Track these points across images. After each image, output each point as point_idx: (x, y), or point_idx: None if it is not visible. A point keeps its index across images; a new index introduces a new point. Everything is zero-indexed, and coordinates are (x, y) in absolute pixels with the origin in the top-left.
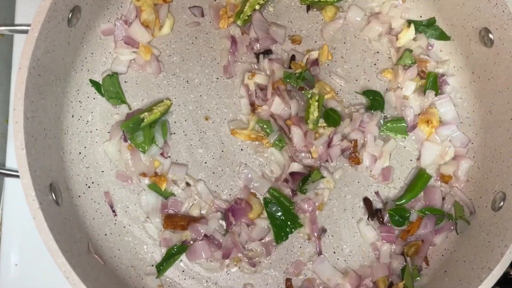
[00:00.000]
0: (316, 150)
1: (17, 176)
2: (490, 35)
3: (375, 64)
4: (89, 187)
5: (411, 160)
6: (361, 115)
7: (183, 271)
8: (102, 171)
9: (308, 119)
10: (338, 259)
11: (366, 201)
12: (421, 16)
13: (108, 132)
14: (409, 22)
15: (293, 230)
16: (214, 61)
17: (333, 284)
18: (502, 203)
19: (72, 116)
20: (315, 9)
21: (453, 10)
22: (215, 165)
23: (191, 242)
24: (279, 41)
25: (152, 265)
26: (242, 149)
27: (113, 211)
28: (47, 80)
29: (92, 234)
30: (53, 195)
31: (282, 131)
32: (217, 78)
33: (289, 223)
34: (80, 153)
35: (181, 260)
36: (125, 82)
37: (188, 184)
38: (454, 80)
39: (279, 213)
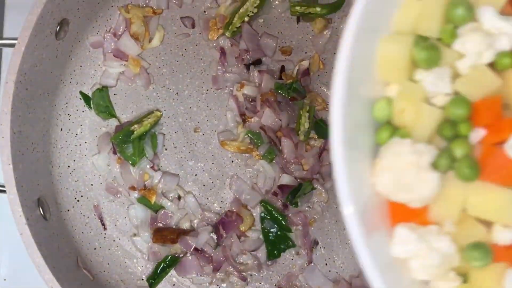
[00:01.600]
0: (307, 162)
1: (4, 191)
2: None
3: None
4: (78, 200)
5: None
6: None
7: (174, 284)
8: (92, 185)
9: (299, 130)
10: (330, 270)
11: None
12: None
13: (97, 145)
14: None
15: (286, 249)
16: (204, 72)
17: None
18: None
19: (61, 130)
20: (305, 20)
21: None
22: (205, 177)
23: (181, 256)
24: (268, 55)
25: (142, 279)
26: (232, 161)
27: (103, 225)
28: (35, 93)
29: (81, 248)
30: (40, 209)
31: (272, 143)
32: (207, 90)
33: (283, 241)
34: (69, 166)
35: (171, 274)
36: (114, 94)
37: (178, 197)
38: None
39: (274, 230)
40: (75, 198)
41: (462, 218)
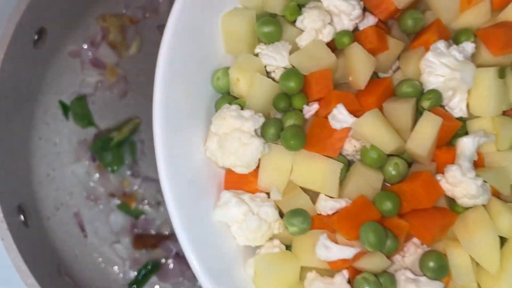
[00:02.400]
0: None
1: None
2: None
3: None
4: (58, 208)
5: None
6: None
7: None
8: (71, 192)
9: None
10: None
11: None
12: None
13: (76, 153)
14: None
15: None
16: None
17: None
18: None
19: (40, 138)
20: None
21: None
22: None
23: (163, 261)
24: None
25: (124, 286)
26: None
27: (83, 232)
28: (14, 102)
29: (63, 255)
30: (21, 217)
31: None
32: None
33: None
34: (48, 175)
35: (153, 280)
36: (93, 103)
37: (158, 203)
38: None
39: None
40: (55, 206)
41: (289, 188)
